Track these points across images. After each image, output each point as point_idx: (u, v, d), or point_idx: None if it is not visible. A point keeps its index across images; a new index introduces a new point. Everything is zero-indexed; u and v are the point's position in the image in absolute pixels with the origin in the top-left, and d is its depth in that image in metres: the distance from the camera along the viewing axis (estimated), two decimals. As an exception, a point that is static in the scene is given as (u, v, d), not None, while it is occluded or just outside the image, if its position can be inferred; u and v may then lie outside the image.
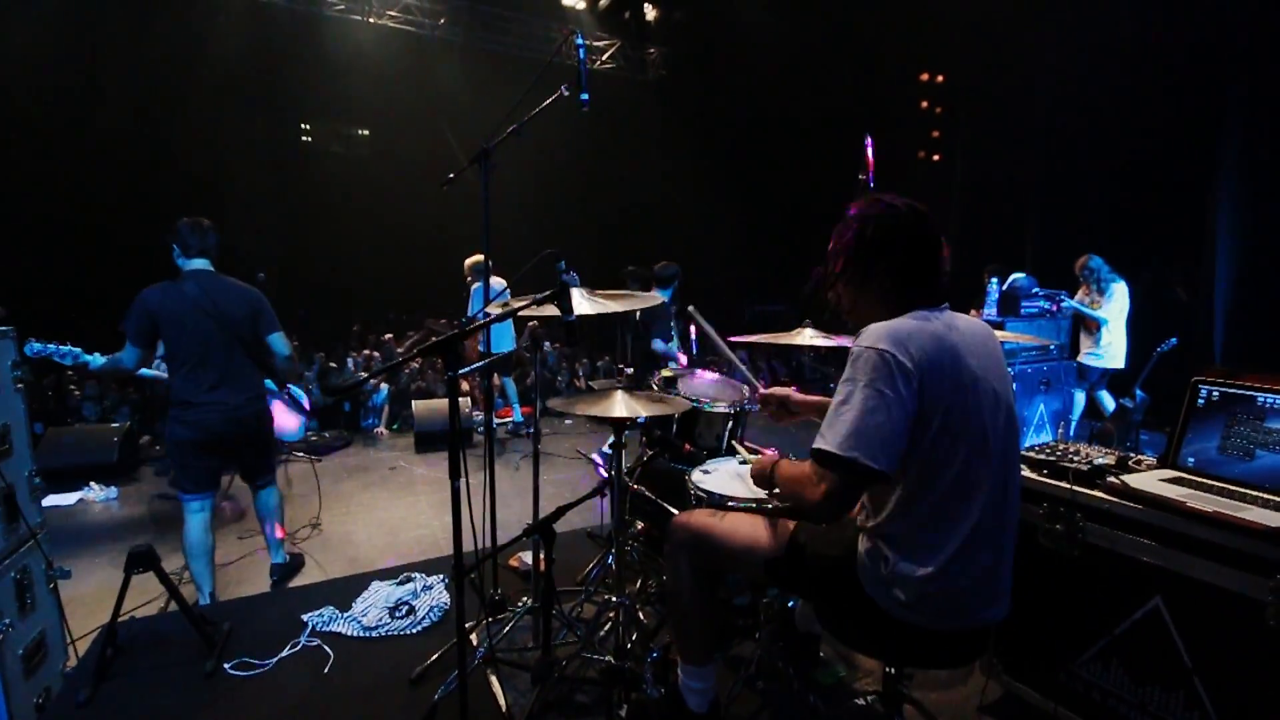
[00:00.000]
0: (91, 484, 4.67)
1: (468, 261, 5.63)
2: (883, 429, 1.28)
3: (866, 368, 1.31)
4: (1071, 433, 4.63)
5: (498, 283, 5.72)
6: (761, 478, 1.62)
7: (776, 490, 1.61)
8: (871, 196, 1.48)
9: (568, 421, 6.87)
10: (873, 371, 1.30)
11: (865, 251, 1.45)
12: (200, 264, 2.86)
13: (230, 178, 8.40)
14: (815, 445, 1.34)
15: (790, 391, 1.90)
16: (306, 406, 3.42)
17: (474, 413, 6.15)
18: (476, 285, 5.47)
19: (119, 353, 2.76)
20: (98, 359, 2.74)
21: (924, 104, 8.62)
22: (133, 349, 2.74)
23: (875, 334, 1.34)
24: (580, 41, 2.14)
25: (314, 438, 6.00)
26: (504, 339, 5.61)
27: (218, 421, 2.81)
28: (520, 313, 1.79)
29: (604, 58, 10.34)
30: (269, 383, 3.11)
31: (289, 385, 3.30)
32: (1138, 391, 4.96)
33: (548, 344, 8.10)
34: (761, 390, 1.97)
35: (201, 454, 2.84)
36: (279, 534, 3.25)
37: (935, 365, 1.31)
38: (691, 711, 1.81)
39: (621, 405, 2.00)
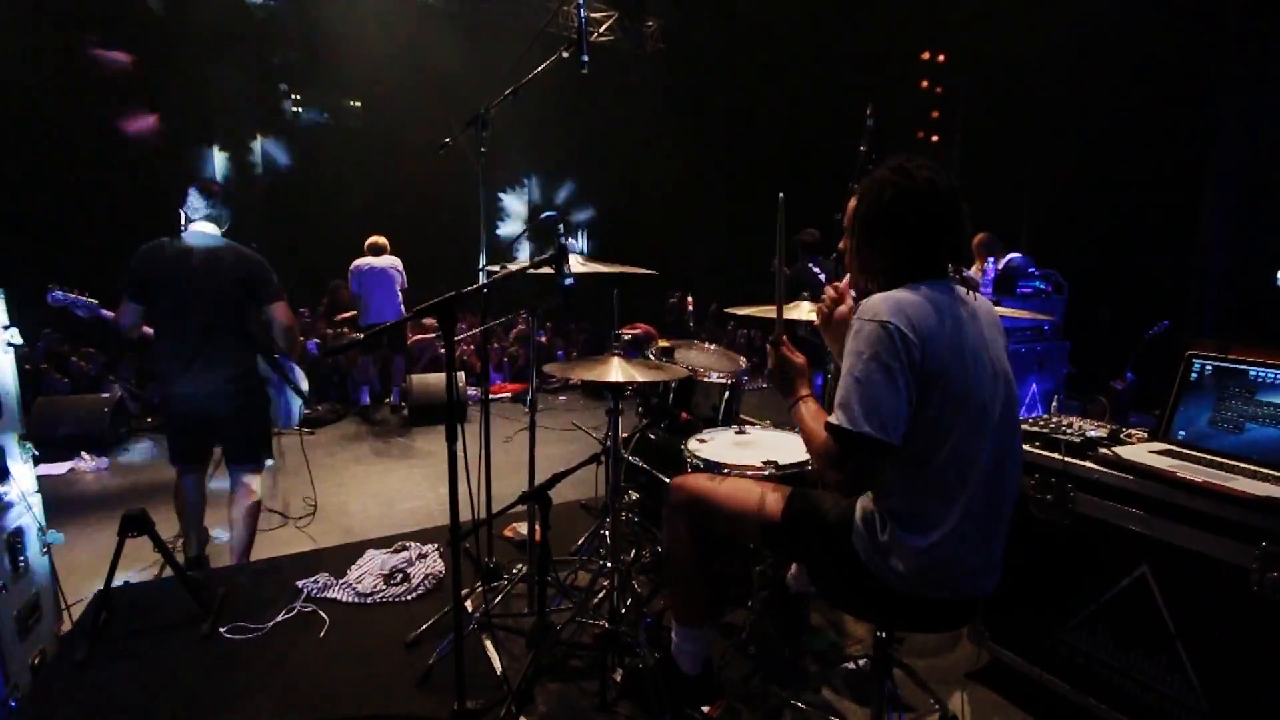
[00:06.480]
0: (83, 454, 4.64)
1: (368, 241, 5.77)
2: (890, 402, 1.28)
3: (871, 341, 1.30)
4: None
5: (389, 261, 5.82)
6: (777, 380, 1.60)
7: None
8: (897, 162, 1.41)
9: (561, 399, 6.87)
10: (876, 344, 1.30)
11: (876, 218, 1.42)
12: (201, 228, 2.71)
13: (218, 148, 8.24)
14: (830, 422, 1.34)
15: (850, 302, 1.66)
16: (304, 388, 3.16)
17: (468, 387, 6.13)
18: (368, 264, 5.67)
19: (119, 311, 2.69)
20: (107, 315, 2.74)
21: (924, 83, 8.52)
22: (130, 304, 2.63)
23: (876, 306, 1.33)
24: (581, 1, 2.09)
25: (306, 411, 5.96)
26: None
27: (195, 396, 2.62)
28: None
29: (602, 29, 10.13)
30: (263, 364, 2.86)
31: (285, 365, 3.01)
32: (1128, 374, 5.00)
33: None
34: (835, 288, 1.68)
35: (183, 428, 2.73)
36: (237, 555, 2.87)
37: (936, 337, 1.31)
38: (685, 673, 1.84)
39: (618, 370, 2.00)
